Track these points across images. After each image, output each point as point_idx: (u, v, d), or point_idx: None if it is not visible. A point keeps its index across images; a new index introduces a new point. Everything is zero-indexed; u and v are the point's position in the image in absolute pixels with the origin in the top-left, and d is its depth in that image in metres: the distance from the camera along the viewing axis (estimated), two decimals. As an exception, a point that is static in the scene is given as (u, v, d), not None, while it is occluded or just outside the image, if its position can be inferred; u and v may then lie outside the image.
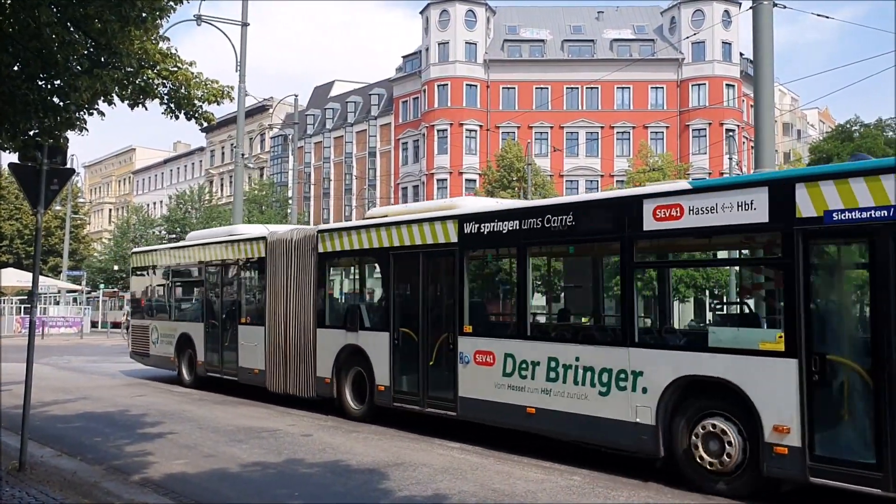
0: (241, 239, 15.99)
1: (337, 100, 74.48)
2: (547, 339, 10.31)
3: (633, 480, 8.43)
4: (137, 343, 19.63)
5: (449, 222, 11.13)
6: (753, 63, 13.43)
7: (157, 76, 8.86)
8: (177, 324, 17.89)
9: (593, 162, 60.09)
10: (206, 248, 17.04)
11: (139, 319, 19.80)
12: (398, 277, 12.11)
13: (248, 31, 26.24)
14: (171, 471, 8.88)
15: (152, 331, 18.78)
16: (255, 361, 14.92)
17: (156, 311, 19.28)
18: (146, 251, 20.41)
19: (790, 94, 76.92)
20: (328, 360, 13.00)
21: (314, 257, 13.45)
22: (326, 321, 13.31)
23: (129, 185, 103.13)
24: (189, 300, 18.40)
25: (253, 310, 15.59)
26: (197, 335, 16.94)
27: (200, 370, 16.78)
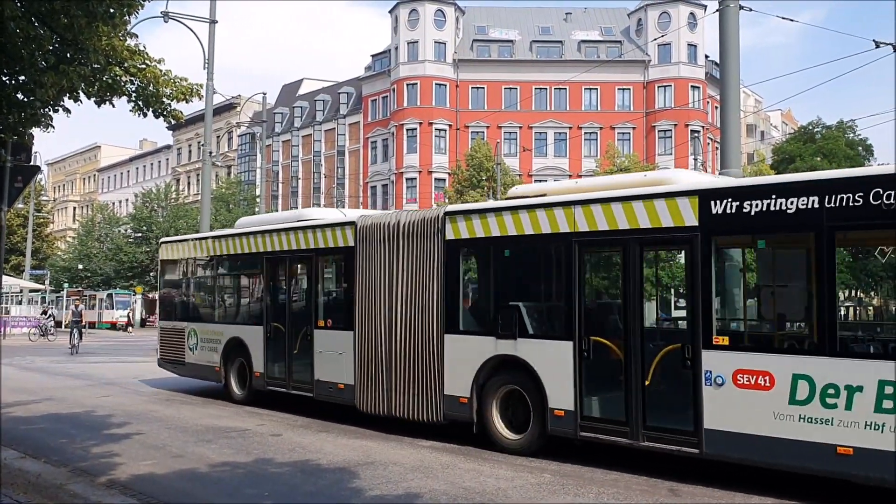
0: (318, 225, 13.19)
1: (305, 98, 74.10)
2: (870, 357, 7.82)
3: (601, 477, 8.52)
4: (169, 349, 16.69)
5: (680, 200, 8.55)
6: (719, 65, 13.61)
7: (125, 73, 8.74)
8: (224, 327, 15.03)
9: (561, 162, 60.47)
10: (270, 237, 14.08)
11: (171, 321, 16.85)
12: (589, 271, 9.93)
13: (217, 28, 26.04)
14: (139, 472, 8.79)
15: (190, 335, 15.91)
16: (338, 374, 12.24)
17: (195, 311, 16.36)
18: (181, 241, 17.33)
19: (754, 96, 78.02)
20: (464, 375, 10.34)
21: (439, 246, 10.81)
22: (460, 325, 10.65)
23: (94, 183, 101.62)
24: (242, 299, 15.47)
25: (335, 311, 13.11)
26: (253, 341, 14.09)
27: (258, 383, 13.97)
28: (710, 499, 7.67)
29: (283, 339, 13.59)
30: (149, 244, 66.64)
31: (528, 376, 9.68)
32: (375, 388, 11.51)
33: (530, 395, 9.67)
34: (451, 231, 10.81)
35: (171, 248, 17.47)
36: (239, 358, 14.57)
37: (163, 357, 17.03)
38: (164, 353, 16.93)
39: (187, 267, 16.69)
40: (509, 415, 10.01)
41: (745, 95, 72.27)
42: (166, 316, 17.26)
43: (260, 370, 13.97)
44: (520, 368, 9.79)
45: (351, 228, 12.33)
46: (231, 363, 14.79)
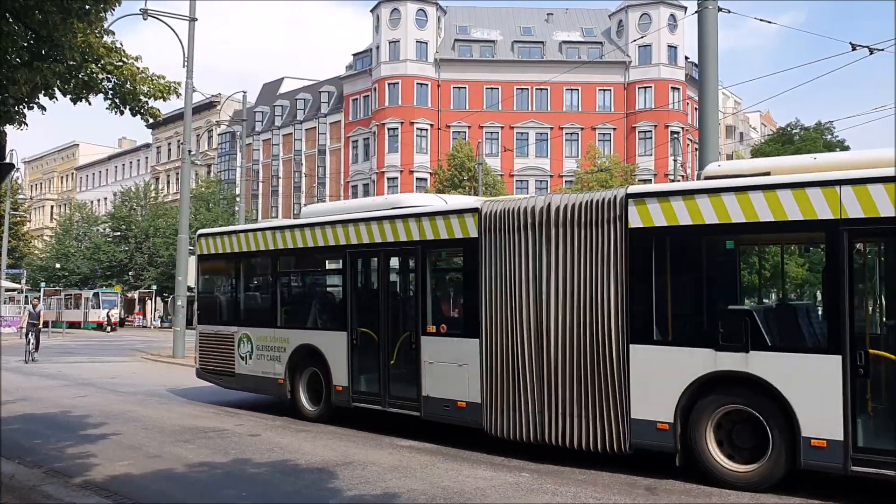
0: (426, 213, 10.99)
1: (286, 97, 73.82)
2: None
3: (580, 476, 8.54)
4: (212, 358, 14.36)
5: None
6: (698, 66, 13.70)
7: (102, 70, 8.66)
8: (290, 332, 12.86)
9: (543, 162, 60.65)
10: (356, 228, 11.84)
11: (214, 325, 14.43)
12: (866, 268, 8.28)
13: (196, 26, 25.90)
14: (115, 472, 8.71)
15: (241, 341, 13.62)
16: (456, 389, 10.22)
17: (249, 314, 14.02)
18: (227, 233, 14.76)
19: (733, 98, 78.61)
20: (663, 395, 8.44)
21: (618, 235, 8.85)
22: (654, 334, 8.67)
23: (71, 182, 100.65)
24: (316, 299, 13.49)
25: (450, 314, 11.45)
26: (332, 349, 12.00)
27: (339, 398, 11.87)
28: (688, 497, 7.71)
29: (374, 347, 11.45)
30: (127, 243, 66.16)
31: (765, 397, 7.88)
32: (516, 409, 9.54)
33: (769, 419, 7.85)
34: (637, 217, 8.77)
35: (213, 242, 14.78)
36: (310, 368, 12.46)
37: (204, 367, 14.63)
38: (206, 363, 14.55)
39: (238, 263, 14.17)
40: (727, 442, 8.23)
41: (725, 97, 72.84)
42: (208, 319, 14.70)
43: (342, 383, 11.81)
44: (752, 387, 7.97)
45: (473, 216, 10.27)
46: (299, 374, 12.65)
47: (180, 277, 26.02)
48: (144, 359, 26.65)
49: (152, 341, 38.49)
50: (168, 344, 27.80)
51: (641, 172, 56.92)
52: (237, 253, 14.10)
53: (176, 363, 24.26)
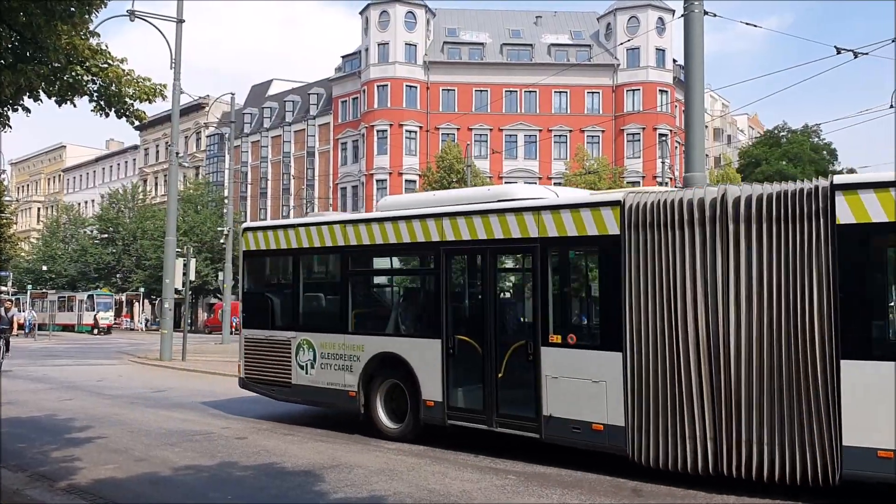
0: (550, 206, 9.55)
1: (275, 99, 73.68)
2: None
3: (566, 479, 8.57)
4: (261, 366, 12.75)
5: None
6: (684, 69, 13.77)
7: (87, 72, 8.64)
8: (366, 339, 11.33)
9: (531, 164, 60.74)
10: (453, 223, 10.36)
11: (264, 330, 12.84)
12: None
13: (184, 28, 25.85)
14: (100, 476, 8.68)
15: (301, 348, 12.13)
16: (589, 409, 8.84)
17: (311, 317, 12.58)
18: (282, 226, 13.14)
19: (721, 101, 79.02)
20: (885, 419, 7.21)
21: (823, 233, 7.57)
22: (871, 349, 7.41)
23: (59, 184, 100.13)
24: (400, 302, 12.10)
25: (581, 322, 10.11)
26: (422, 358, 10.50)
27: (431, 414, 10.33)
28: (673, 499, 7.75)
29: (476, 357, 10.02)
30: (115, 245, 65.88)
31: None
32: (675, 435, 8.20)
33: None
34: (847, 212, 7.45)
35: (263, 237, 13.14)
36: (390, 380, 10.99)
37: (250, 376, 12.98)
38: (254, 372, 12.89)
39: (296, 260, 12.61)
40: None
41: (713, 100, 73.22)
42: (256, 323, 13.07)
43: (434, 398, 10.29)
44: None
45: (612, 210, 8.79)
46: (375, 387, 11.11)
47: (168, 280, 25.93)
48: (132, 361, 26.55)
49: (140, 344, 38.33)
50: (155, 346, 27.71)
51: (630, 175, 57.12)
52: (296, 249, 12.46)
53: (163, 366, 24.20)
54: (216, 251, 57.67)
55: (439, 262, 10.55)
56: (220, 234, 49.63)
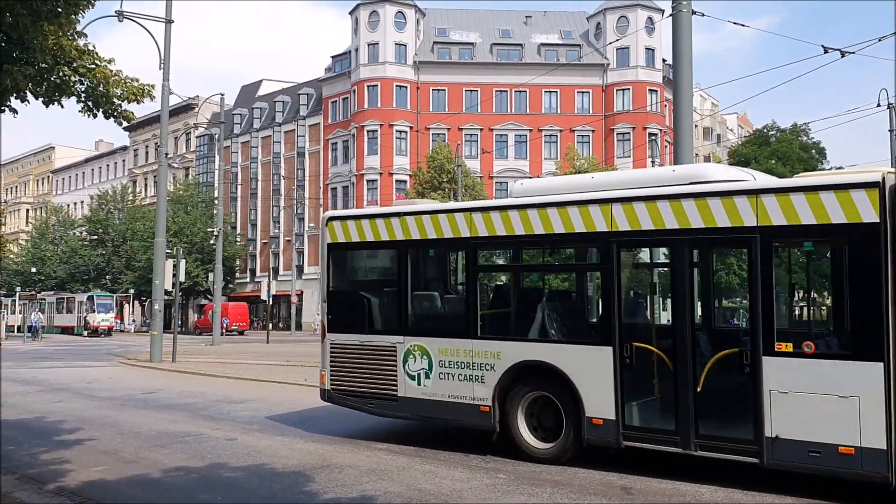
0: (772, 189, 8.10)
1: (265, 99, 73.55)
2: None
3: (556, 477, 8.58)
4: (355, 376, 10.95)
5: None
6: (673, 68, 13.83)
7: (74, 73, 8.61)
8: (503, 345, 9.72)
9: (522, 164, 60.83)
10: (631, 209, 8.79)
11: (358, 334, 11.00)
12: None
13: (173, 28, 25.78)
14: (90, 478, 8.64)
15: (410, 355, 10.43)
16: (836, 430, 7.46)
17: (421, 319, 10.93)
18: (380, 215, 11.20)
19: (710, 100, 79.32)
20: None
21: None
22: None
23: (47, 185, 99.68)
24: (549, 303, 10.21)
25: (818, 328, 9.04)
26: (584, 368, 8.98)
27: (598, 434, 8.82)
28: (662, 496, 7.76)
29: (662, 368, 8.76)
30: (104, 247, 65.63)
31: None
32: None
33: None
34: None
35: (354, 227, 11.29)
36: (535, 392, 9.47)
37: (339, 388, 11.11)
38: (345, 382, 11.05)
39: (402, 253, 10.82)
40: None
41: (702, 99, 73.50)
42: (346, 326, 11.19)
43: (604, 415, 8.77)
44: None
45: (869, 193, 7.36)
46: (515, 400, 9.54)
47: (157, 281, 25.86)
48: (121, 363, 26.45)
49: (130, 345, 38.22)
50: (145, 348, 27.61)
51: (620, 174, 57.13)
52: (403, 241, 10.69)
53: (154, 368, 24.11)
54: (206, 252, 57.54)
55: (609, 257, 8.96)
56: (210, 234, 49.55)
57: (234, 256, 65.29)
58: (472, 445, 9.98)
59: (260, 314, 66.52)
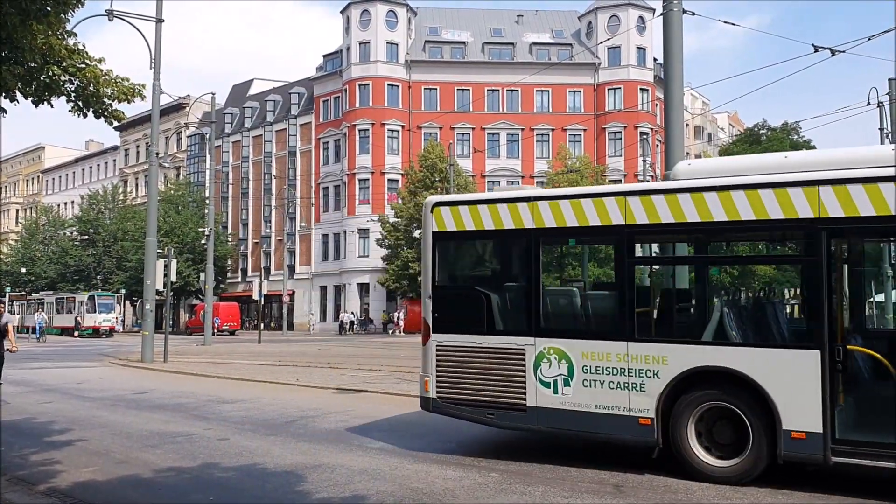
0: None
1: (256, 98, 73.41)
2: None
3: (549, 475, 8.58)
4: (469, 383, 9.59)
5: None
6: (664, 67, 13.86)
7: (64, 72, 8.57)
8: (669, 348, 8.42)
9: (514, 163, 60.90)
10: (844, 194, 7.66)
11: (474, 335, 9.61)
12: None
13: (164, 27, 25.69)
14: (80, 479, 8.60)
15: (545, 360, 9.11)
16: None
17: (559, 318, 9.62)
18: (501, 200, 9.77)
19: (701, 99, 79.53)
20: None
21: None
22: None
23: (37, 185, 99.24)
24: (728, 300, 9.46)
25: None
26: (780, 374, 7.83)
27: (800, 449, 7.68)
28: (654, 493, 7.78)
29: (883, 373, 7.83)
30: (95, 247, 65.39)
31: None
32: None
33: None
34: None
35: (468, 214, 9.89)
36: (710, 403, 8.19)
37: (448, 396, 9.74)
38: (454, 391, 9.71)
39: (532, 244, 9.45)
40: None
41: (693, 98, 73.68)
42: (457, 326, 9.83)
43: (807, 427, 7.62)
44: None
45: None
46: (685, 411, 8.30)
47: (149, 281, 25.78)
48: (112, 364, 26.35)
49: (121, 346, 38.10)
50: (137, 348, 27.52)
51: (611, 173, 57.42)
52: (532, 230, 9.37)
53: (145, 368, 24.04)
54: (197, 252, 57.41)
55: (816, 247, 7.78)
56: (202, 234, 49.44)
57: (226, 256, 65.17)
58: (465, 445, 9.96)
59: (251, 314, 66.44)
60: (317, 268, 64.32)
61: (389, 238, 53.71)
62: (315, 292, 64.37)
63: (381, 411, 13.45)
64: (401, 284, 53.09)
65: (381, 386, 17.06)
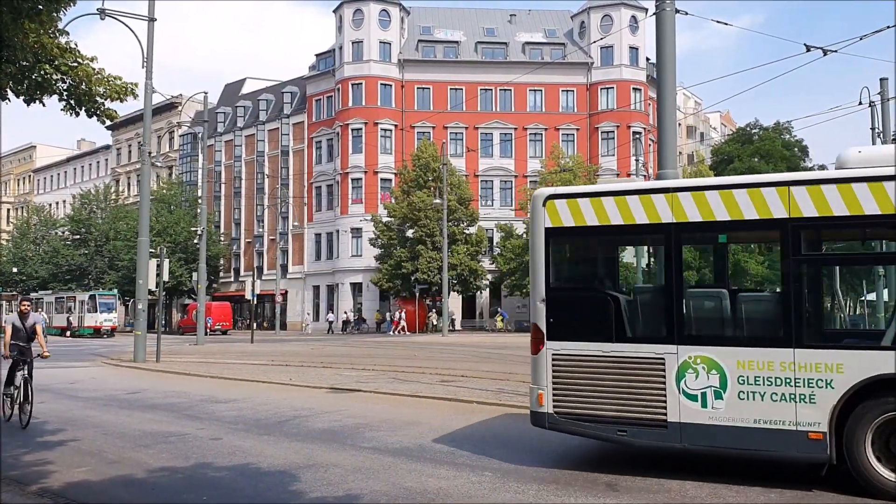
0: None
1: (248, 97, 73.25)
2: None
3: (542, 475, 8.60)
4: (595, 397, 8.58)
5: None
6: (657, 67, 13.87)
7: (56, 71, 8.54)
8: (844, 355, 7.65)
9: (507, 162, 60.93)
10: None
11: (601, 343, 8.59)
12: None
13: (156, 26, 25.60)
14: (73, 479, 8.58)
15: (690, 370, 8.11)
16: None
17: (704, 324, 8.62)
18: (639, 191, 8.72)
19: (694, 98, 79.68)
20: None
21: None
22: None
23: (29, 184, 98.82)
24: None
25: None
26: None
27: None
28: (647, 493, 7.80)
29: None
30: (87, 247, 65.17)
31: None
32: None
33: None
34: None
35: (590, 208, 8.85)
36: (892, 414, 7.36)
37: (567, 411, 8.73)
38: (575, 405, 8.70)
39: (673, 241, 8.50)
40: None
41: (686, 97, 73.83)
42: (577, 332, 8.82)
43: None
44: None
45: None
46: (862, 425, 7.46)
47: (141, 281, 25.70)
48: (105, 364, 26.27)
49: (113, 346, 37.98)
50: (129, 348, 27.44)
51: (604, 172, 57.47)
52: (670, 224, 8.42)
53: (137, 368, 23.98)
54: (190, 251, 57.28)
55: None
56: (194, 234, 49.31)
57: (218, 256, 65.04)
58: (459, 445, 9.97)
59: (244, 314, 66.32)
60: (310, 267, 64.23)
61: (382, 238, 53.68)
62: (308, 292, 64.29)
63: (375, 411, 13.44)
64: (394, 284, 53.07)
65: (374, 385, 17.06)
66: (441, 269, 49.04)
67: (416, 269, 51.09)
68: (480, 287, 55.25)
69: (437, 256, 50.29)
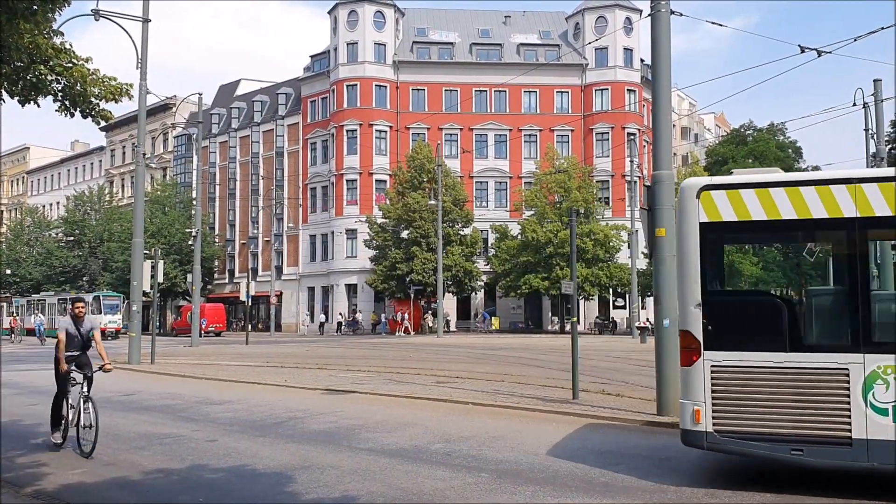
0: None
1: (243, 99, 73.15)
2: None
3: (539, 476, 8.60)
4: (763, 412, 7.62)
5: None
6: (651, 68, 13.89)
7: (51, 72, 8.51)
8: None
9: (502, 164, 60.98)
10: None
11: (770, 352, 7.64)
12: None
13: (150, 27, 25.56)
14: (68, 481, 8.55)
15: (879, 381, 7.30)
16: None
17: (889, 330, 7.57)
18: (818, 181, 7.77)
19: (688, 100, 79.89)
20: None
21: None
22: None
23: (22, 186, 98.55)
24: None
25: None
26: None
27: None
28: (644, 493, 7.81)
29: None
30: (81, 248, 65.00)
31: None
32: None
33: None
34: None
35: (753, 200, 7.86)
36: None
37: (730, 429, 7.74)
38: (742, 422, 7.70)
39: (852, 239, 7.62)
40: None
41: (680, 99, 74.01)
42: (742, 341, 7.83)
43: None
44: None
45: None
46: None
47: (135, 282, 25.64)
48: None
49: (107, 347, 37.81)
50: (123, 350, 27.36)
51: (599, 174, 57.64)
52: (852, 220, 7.49)
53: (132, 369, 23.89)
54: (184, 253, 57.16)
55: None
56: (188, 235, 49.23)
57: (213, 257, 64.92)
58: (456, 444, 9.97)
59: (238, 315, 66.19)
60: (304, 269, 64.16)
61: (377, 239, 53.65)
62: (303, 293, 64.22)
63: (371, 412, 13.43)
64: (389, 285, 53.05)
65: (369, 386, 17.04)
66: (436, 270, 49.05)
67: (410, 270, 51.09)
68: (475, 288, 55.28)
69: (431, 258, 50.29)
